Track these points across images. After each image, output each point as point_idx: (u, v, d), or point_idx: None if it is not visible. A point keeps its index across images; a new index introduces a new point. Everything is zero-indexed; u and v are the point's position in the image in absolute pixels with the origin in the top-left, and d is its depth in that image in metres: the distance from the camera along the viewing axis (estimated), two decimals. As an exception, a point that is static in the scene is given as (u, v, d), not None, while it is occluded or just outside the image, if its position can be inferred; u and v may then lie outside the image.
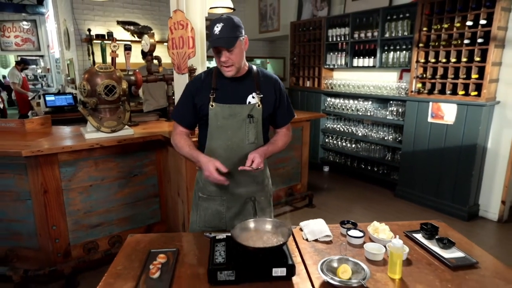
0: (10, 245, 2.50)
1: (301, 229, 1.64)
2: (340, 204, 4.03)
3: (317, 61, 5.15)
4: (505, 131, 3.44)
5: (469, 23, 3.32)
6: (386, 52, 4.27)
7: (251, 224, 1.43)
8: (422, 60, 3.76)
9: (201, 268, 1.30)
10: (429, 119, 3.77)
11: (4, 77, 9.87)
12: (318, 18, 5.12)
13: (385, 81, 4.37)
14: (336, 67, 4.92)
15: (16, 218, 2.46)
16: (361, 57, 4.51)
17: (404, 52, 4.09)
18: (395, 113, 4.23)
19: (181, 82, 2.74)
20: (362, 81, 4.59)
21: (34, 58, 10.65)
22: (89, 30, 5.56)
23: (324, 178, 5.05)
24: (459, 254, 1.41)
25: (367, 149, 4.67)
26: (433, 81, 3.69)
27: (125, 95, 2.75)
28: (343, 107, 4.84)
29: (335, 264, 1.28)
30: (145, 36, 3.24)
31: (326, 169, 5.29)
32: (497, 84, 3.44)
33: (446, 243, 1.44)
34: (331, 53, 4.92)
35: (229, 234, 1.35)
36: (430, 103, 3.73)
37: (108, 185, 2.67)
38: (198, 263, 1.35)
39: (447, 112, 3.60)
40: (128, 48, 3.19)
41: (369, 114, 4.51)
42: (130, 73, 3.07)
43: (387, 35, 4.18)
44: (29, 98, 6.70)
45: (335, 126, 5.06)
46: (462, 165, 3.53)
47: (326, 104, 5.14)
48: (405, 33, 3.99)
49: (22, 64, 7.36)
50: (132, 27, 5.87)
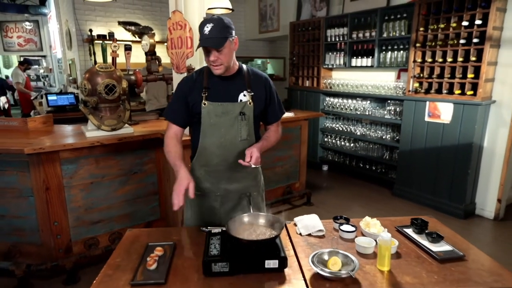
0: (13, 240, 2.55)
1: (295, 224, 1.68)
2: (338, 203, 4.07)
3: (316, 61, 5.19)
4: (501, 130, 3.47)
5: (465, 23, 3.35)
6: (384, 52, 4.31)
7: (246, 218, 1.48)
8: (419, 60, 3.79)
9: (196, 260, 1.35)
10: (426, 118, 3.80)
11: (7, 77, 9.93)
12: (317, 18, 5.16)
13: (383, 80, 4.41)
14: (334, 67, 4.96)
15: (18, 214, 2.51)
16: (359, 57, 4.55)
17: (402, 52, 4.12)
18: (392, 113, 4.26)
19: (180, 81, 2.78)
20: (360, 80, 4.63)
21: (36, 58, 10.72)
22: (91, 31, 5.61)
23: (323, 177, 5.10)
24: (447, 247, 1.46)
25: (365, 148, 4.71)
26: (430, 80, 3.73)
27: (125, 94, 2.80)
28: (342, 106, 4.89)
29: (325, 257, 1.32)
30: (145, 36, 3.30)
31: (325, 168, 5.33)
32: (492, 83, 3.47)
33: (435, 237, 1.48)
34: (330, 53, 4.96)
35: (225, 228, 1.40)
36: (427, 103, 3.77)
37: (108, 182, 2.72)
38: (194, 256, 1.40)
39: (443, 111, 3.64)
40: (128, 48, 3.24)
41: (367, 113, 4.55)
42: (130, 72, 3.12)
43: (384, 35, 4.22)
44: (32, 98, 6.77)
45: (334, 125, 5.10)
46: (459, 164, 3.57)
47: (325, 104, 5.18)
48: (403, 33, 4.03)
49: (25, 64, 7.43)
50: (133, 28, 5.91)
